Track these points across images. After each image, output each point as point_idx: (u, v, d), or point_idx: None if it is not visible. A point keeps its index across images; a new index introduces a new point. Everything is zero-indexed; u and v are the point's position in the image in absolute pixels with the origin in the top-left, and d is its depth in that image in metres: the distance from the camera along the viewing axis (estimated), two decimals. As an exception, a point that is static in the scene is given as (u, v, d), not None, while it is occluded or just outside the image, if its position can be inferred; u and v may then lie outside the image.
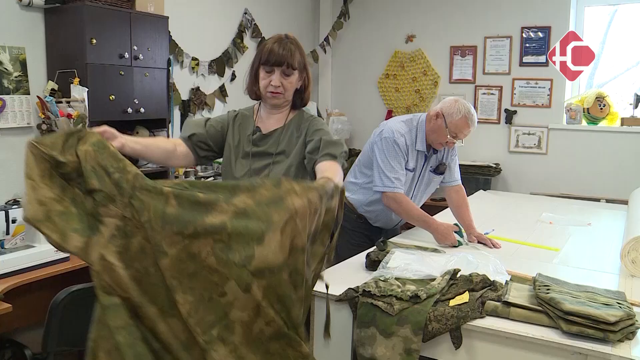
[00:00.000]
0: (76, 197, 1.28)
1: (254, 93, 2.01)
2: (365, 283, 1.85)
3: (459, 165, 2.92)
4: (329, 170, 1.76)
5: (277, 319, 1.32)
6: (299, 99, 2.02)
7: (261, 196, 1.30)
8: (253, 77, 1.99)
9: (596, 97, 4.50)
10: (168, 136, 3.58)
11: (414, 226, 2.79)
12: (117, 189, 1.27)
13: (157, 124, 3.52)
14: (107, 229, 1.27)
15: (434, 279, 1.90)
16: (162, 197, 1.26)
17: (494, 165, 4.75)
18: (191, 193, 1.28)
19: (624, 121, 4.44)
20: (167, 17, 3.49)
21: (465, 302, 1.73)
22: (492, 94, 4.93)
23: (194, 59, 4.17)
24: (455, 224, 2.57)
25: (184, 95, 4.15)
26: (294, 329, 1.34)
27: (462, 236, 2.52)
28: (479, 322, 1.67)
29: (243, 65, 4.62)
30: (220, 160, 2.09)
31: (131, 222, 1.27)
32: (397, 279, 1.91)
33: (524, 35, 4.74)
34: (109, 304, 1.26)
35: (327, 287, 1.61)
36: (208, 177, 3.91)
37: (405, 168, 2.65)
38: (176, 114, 4.03)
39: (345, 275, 2.07)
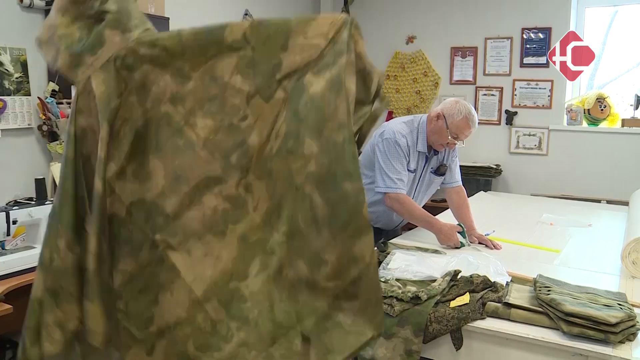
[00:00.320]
0: (87, 25, 1.21)
1: None
2: (365, 284, 1.85)
3: (460, 166, 2.93)
4: None
5: (291, 118, 1.12)
6: None
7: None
8: None
9: (597, 98, 4.50)
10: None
11: (415, 227, 2.79)
12: (130, 22, 1.21)
13: (157, 125, 3.52)
14: (105, 53, 1.18)
15: (434, 280, 1.90)
16: (175, 32, 1.20)
17: (495, 167, 4.75)
18: (201, 26, 1.20)
19: (624, 122, 4.44)
20: (168, 18, 3.49)
21: (466, 304, 1.73)
22: (492, 95, 4.93)
23: (194, 60, 4.17)
24: (459, 224, 2.57)
25: (185, 96, 4.15)
26: (313, 136, 1.10)
27: (465, 237, 2.52)
28: (479, 323, 1.67)
29: (244, 66, 4.62)
30: None
31: (136, 54, 1.19)
32: (397, 280, 1.91)
33: (524, 36, 4.74)
34: (68, 138, 1.20)
35: None
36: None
37: (407, 169, 2.65)
38: (177, 115, 4.04)
39: (345, 277, 2.07)
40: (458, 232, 2.51)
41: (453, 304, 1.74)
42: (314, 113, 1.09)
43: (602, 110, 4.50)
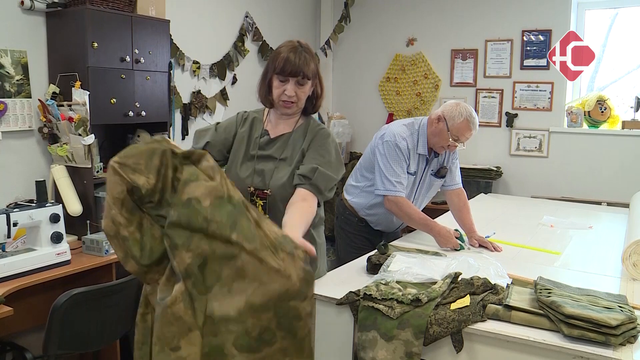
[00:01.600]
0: (144, 223, 1.29)
1: (269, 102, 1.99)
2: (366, 286, 1.85)
3: (460, 168, 2.92)
4: (295, 221, 1.71)
5: None
6: (310, 105, 2.02)
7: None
8: (266, 86, 1.97)
9: (597, 100, 4.50)
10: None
11: (415, 229, 2.79)
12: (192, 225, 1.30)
13: (158, 128, 3.53)
14: (168, 262, 1.28)
15: (435, 283, 1.90)
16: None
17: (495, 169, 4.75)
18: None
19: (625, 124, 4.44)
20: (169, 21, 3.50)
21: (467, 306, 1.73)
22: (493, 97, 4.93)
23: (195, 62, 4.18)
24: (456, 230, 2.57)
25: (185, 99, 4.15)
26: None
27: (463, 241, 2.52)
28: (480, 326, 1.67)
29: (244, 68, 4.63)
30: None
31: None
32: (398, 282, 1.91)
33: (524, 38, 4.74)
34: (142, 325, 1.33)
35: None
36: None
37: (407, 172, 2.65)
38: (177, 117, 4.04)
39: (346, 279, 2.07)
40: (456, 237, 2.51)
41: (453, 306, 1.74)
42: None
43: (602, 112, 4.50)
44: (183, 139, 4.07)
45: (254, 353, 1.24)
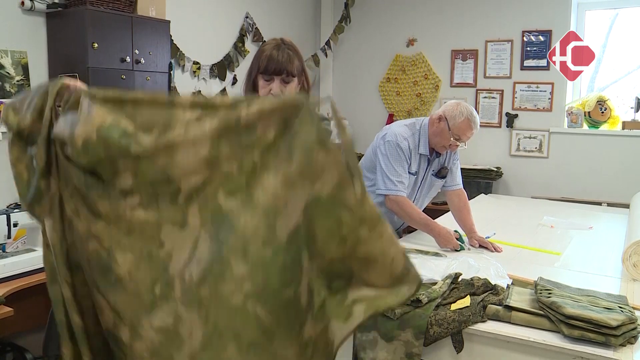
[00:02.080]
0: (29, 164, 1.30)
1: None
2: (366, 287, 1.85)
3: (460, 168, 2.92)
4: None
5: (212, 244, 1.13)
6: None
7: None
8: (251, 86, 1.96)
9: (597, 101, 4.50)
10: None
11: (416, 230, 2.79)
12: (49, 160, 1.28)
13: (158, 128, 3.53)
14: (48, 201, 1.28)
15: (435, 283, 1.90)
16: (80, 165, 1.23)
17: (495, 169, 4.75)
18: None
19: (625, 125, 4.44)
20: (169, 21, 3.50)
21: (467, 306, 1.73)
22: (493, 97, 4.93)
23: (195, 62, 4.18)
24: (456, 231, 2.57)
25: (186, 99, 4.15)
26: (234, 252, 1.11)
27: (463, 242, 2.52)
28: (480, 326, 1.67)
29: (244, 69, 4.62)
30: None
31: (63, 194, 1.28)
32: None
33: (525, 39, 4.74)
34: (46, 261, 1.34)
35: None
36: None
37: (408, 172, 2.66)
38: (177, 117, 4.04)
39: (346, 279, 2.07)
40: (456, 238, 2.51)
41: (454, 306, 1.74)
42: (234, 236, 1.10)
43: (602, 112, 4.50)
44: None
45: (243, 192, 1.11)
